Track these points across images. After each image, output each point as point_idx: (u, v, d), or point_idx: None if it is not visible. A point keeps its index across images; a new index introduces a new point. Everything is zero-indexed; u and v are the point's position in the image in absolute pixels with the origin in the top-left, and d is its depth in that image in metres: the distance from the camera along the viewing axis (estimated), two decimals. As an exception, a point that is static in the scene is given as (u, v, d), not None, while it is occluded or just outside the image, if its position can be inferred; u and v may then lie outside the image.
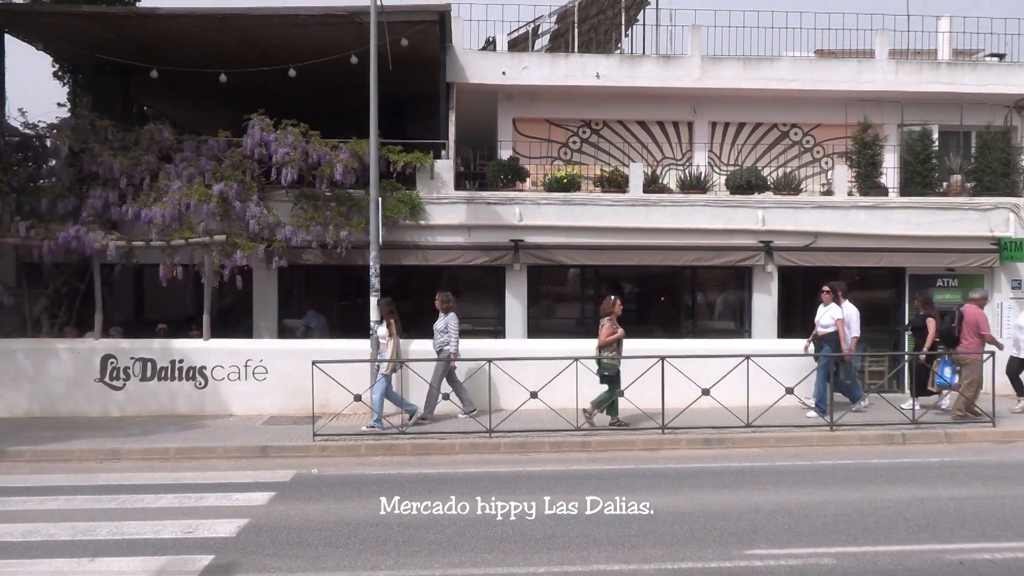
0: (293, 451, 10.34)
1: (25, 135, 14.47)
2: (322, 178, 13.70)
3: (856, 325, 12.72)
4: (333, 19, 14.51)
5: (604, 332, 11.41)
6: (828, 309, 12.53)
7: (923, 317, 12.68)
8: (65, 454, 10.20)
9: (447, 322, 11.96)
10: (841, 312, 12.44)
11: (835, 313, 12.42)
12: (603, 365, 11.42)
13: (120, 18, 14.95)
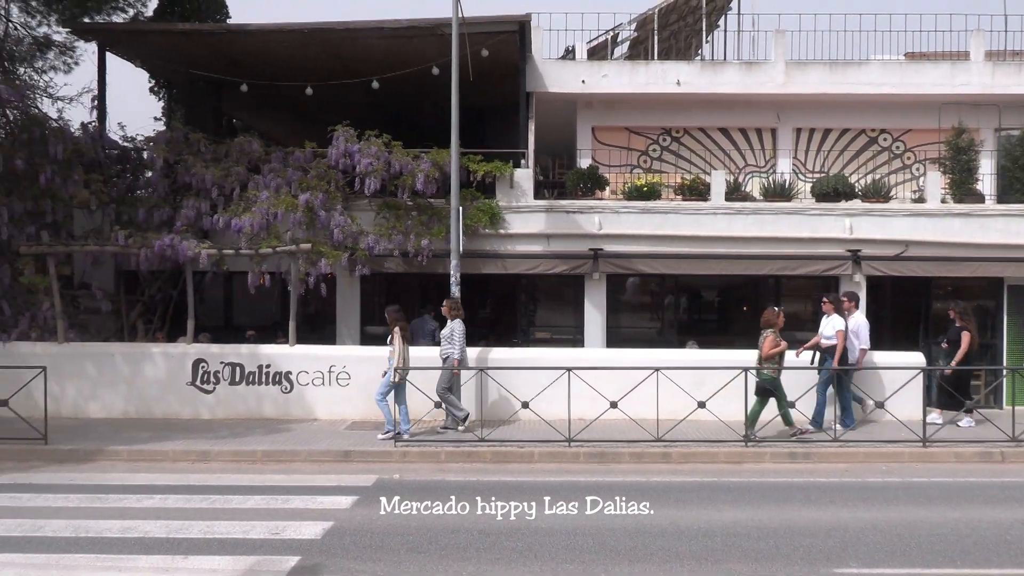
0: (375, 456, 10.51)
1: (124, 148, 15.14)
2: (404, 188, 13.92)
3: (866, 336, 12.15)
4: (415, 31, 14.76)
5: (767, 344, 11.14)
6: (830, 320, 11.95)
7: (959, 330, 12.08)
8: (159, 454, 10.59)
9: (452, 328, 11.76)
10: (843, 324, 11.84)
11: (837, 324, 11.83)
12: (763, 378, 11.13)
13: (213, 35, 15.52)
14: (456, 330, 11.69)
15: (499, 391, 11.77)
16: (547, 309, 15.77)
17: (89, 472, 9.83)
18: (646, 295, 15.92)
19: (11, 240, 12.95)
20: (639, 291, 15.93)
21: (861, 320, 12.30)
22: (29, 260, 13.08)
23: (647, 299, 16.03)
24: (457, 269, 12.34)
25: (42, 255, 13.12)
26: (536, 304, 15.82)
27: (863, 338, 12.12)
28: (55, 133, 13.60)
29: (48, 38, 16.12)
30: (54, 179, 13.24)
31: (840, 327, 11.78)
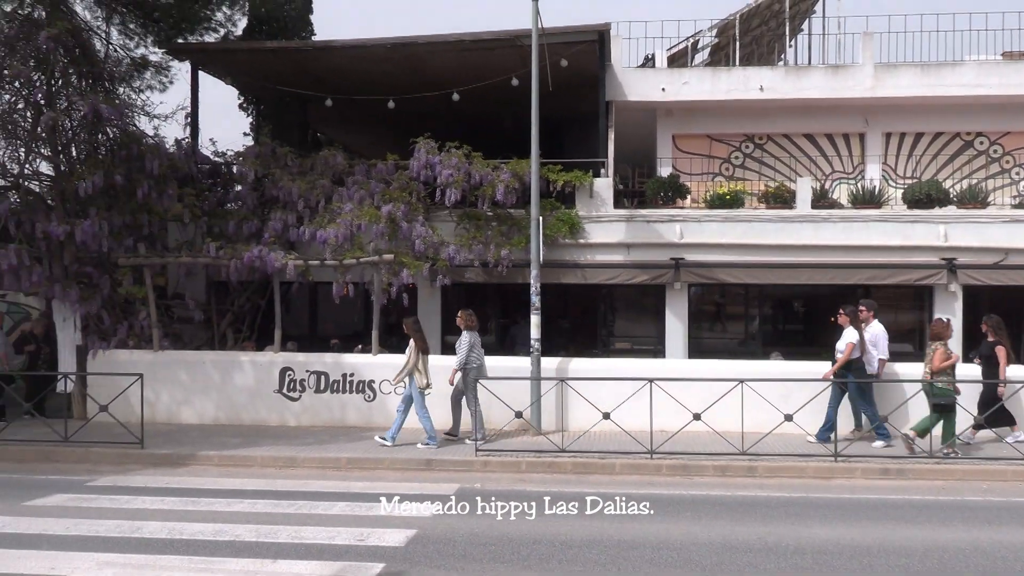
0: (456, 465, 10.57)
1: (215, 163, 15.69)
2: (484, 198, 14.02)
3: (884, 347, 11.60)
4: (495, 43, 14.90)
5: (938, 357, 10.83)
6: (845, 333, 11.50)
7: (992, 344, 11.38)
8: (248, 460, 10.88)
9: (460, 340, 11.72)
10: (855, 336, 11.34)
11: (848, 337, 11.36)
12: (937, 392, 10.79)
13: (300, 52, 15.98)
14: (463, 341, 11.63)
15: (579, 401, 11.70)
16: (627, 319, 15.65)
17: (183, 476, 10.17)
18: (729, 305, 15.63)
19: (110, 252, 13.52)
20: (729, 301, 15.66)
21: (879, 330, 11.73)
22: (127, 271, 13.64)
23: (730, 309, 15.74)
24: (537, 279, 12.35)
25: (139, 266, 13.67)
26: (616, 314, 15.71)
27: (881, 348, 11.60)
28: (151, 149, 14.17)
29: (145, 59, 16.80)
30: (150, 193, 13.79)
31: (851, 339, 11.30)
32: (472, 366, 11.61)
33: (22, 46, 13.30)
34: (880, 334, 11.67)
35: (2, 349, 13.29)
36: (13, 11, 14.01)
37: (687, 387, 11.22)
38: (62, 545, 7.18)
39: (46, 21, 13.36)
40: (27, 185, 13.76)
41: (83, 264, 13.48)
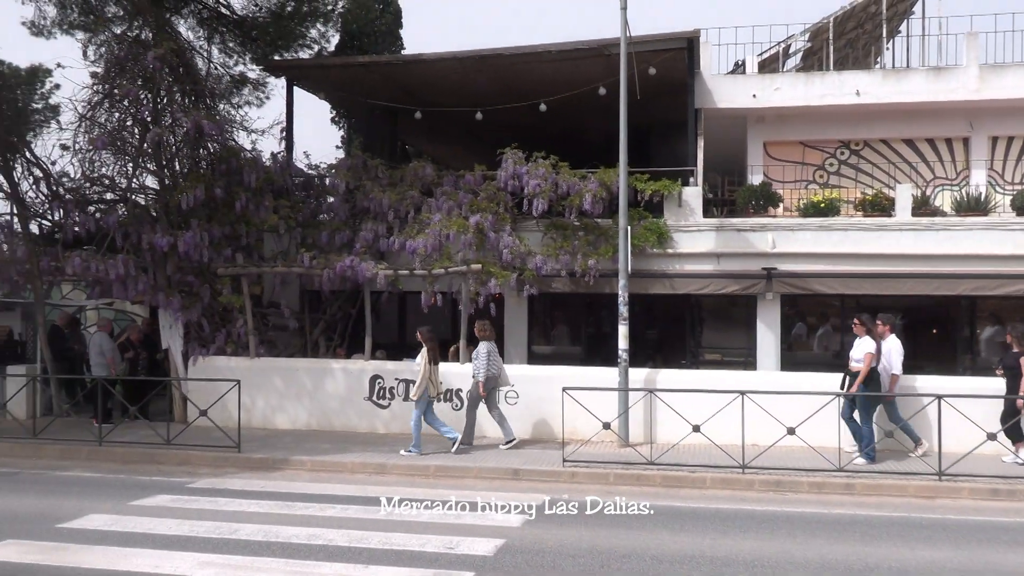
0: (544, 475, 10.53)
1: (308, 175, 16.13)
2: (571, 208, 13.99)
3: (897, 362, 11.19)
4: (582, 53, 14.89)
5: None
6: (861, 342, 11.05)
7: (1017, 355, 10.62)
8: (339, 465, 11.10)
9: (478, 351, 11.86)
10: (872, 346, 10.89)
11: (866, 347, 10.92)
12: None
13: (390, 65, 16.30)
14: (480, 352, 11.82)
15: (668, 413, 11.52)
16: (716, 330, 15.34)
17: (277, 480, 10.44)
18: (824, 316, 15.15)
19: (210, 262, 14.03)
20: (822, 312, 15.18)
21: (894, 344, 11.30)
22: (226, 280, 14.13)
23: (824, 320, 15.26)
24: (625, 289, 12.24)
25: (237, 276, 14.13)
26: (704, 325, 15.42)
27: (894, 363, 11.19)
28: (249, 163, 14.66)
29: (244, 76, 17.45)
30: (248, 206, 14.26)
31: (869, 349, 10.90)
32: (490, 375, 11.83)
33: (131, 66, 13.98)
34: (895, 349, 11.28)
35: (110, 355, 13.93)
36: (123, 33, 14.75)
37: (780, 401, 10.92)
38: (165, 544, 7.46)
39: (153, 42, 14.00)
40: (134, 198, 14.43)
41: (185, 274, 14.04)
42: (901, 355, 11.33)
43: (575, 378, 11.96)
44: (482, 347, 11.91)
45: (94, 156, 14.14)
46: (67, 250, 13.82)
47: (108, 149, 14.05)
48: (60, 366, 14.44)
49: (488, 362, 11.82)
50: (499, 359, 12.15)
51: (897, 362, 11.25)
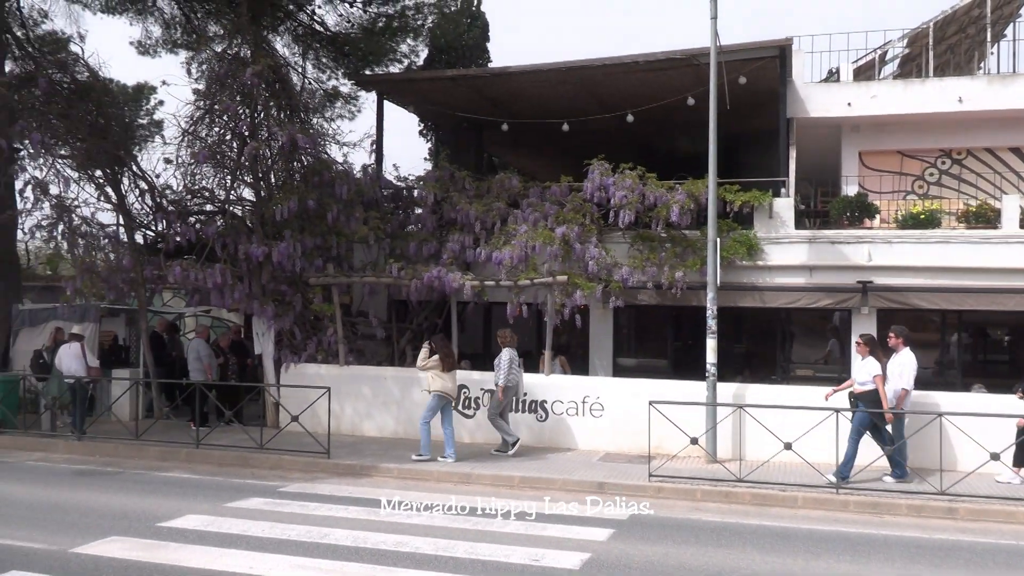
0: (629, 489, 10.41)
1: (397, 187, 16.43)
2: (658, 219, 13.87)
3: (910, 377, 10.59)
4: (670, 64, 14.78)
5: None
6: (865, 363, 10.61)
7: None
8: (426, 474, 11.21)
9: (500, 358, 12.02)
10: (879, 367, 10.43)
11: (872, 368, 10.46)
12: None
13: (478, 78, 16.50)
14: (503, 359, 12.00)
15: (758, 430, 11.24)
16: (808, 345, 14.92)
17: (365, 487, 10.61)
18: (923, 332, 14.57)
19: (302, 272, 14.42)
20: (923, 327, 14.61)
21: (908, 359, 10.75)
22: (317, 289, 14.49)
23: (924, 336, 14.67)
24: (714, 302, 12.03)
25: (328, 285, 14.48)
26: (795, 339, 15.03)
27: (907, 378, 10.62)
28: (340, 176, 15.03)
29: (336, 90, 17.97)
30: (339, 217, 14.61)
31: (877, 371, 10.45)
32: (510, 384, 12.03)
33: (230, 83, 14.51)
34: (908, 363, 10.74)
35: (207, 360, 14.44)
36: (223, 50, 15.34)
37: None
38: (259, 546, 7.66)
39: (251, 59, 14.51)
40: (231, 210, 14.96)
41: (278, 283, 14.45)
42: (915, 370, 10.83)
43: (662, 392, 11.79)
44: (504, 354, 12.10)
45: (195, 169, 14.73)
46: (169, 259, 14.41)
47: (208, 163, 14.62)
48: (159, 371, 15.05)
49: (509, 370, 12.01)
50: (520, 368, 12.38)
51: (910, 376, 10.73)
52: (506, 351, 12.16)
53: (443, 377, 11.83)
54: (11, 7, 17.10)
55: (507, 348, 12.20)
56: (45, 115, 14.38)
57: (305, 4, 18.16)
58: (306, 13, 18.37)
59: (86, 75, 15.26)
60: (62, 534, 7.93)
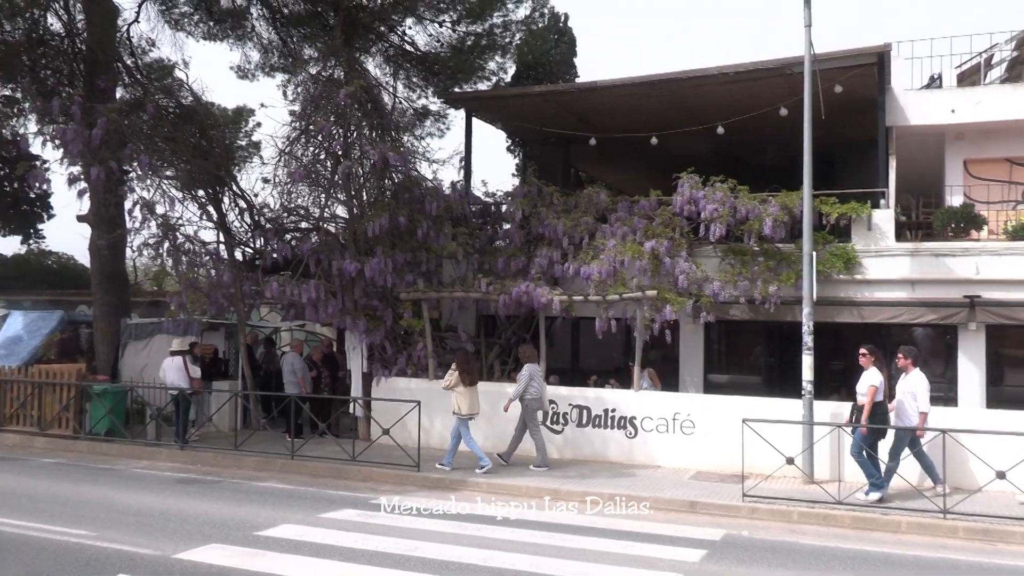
0: (722, 509, 10.16)
1: (485, 203, 16.56)
2: (750, 233, 13.57)
3: (924, 398, 10.41)
4: (762, 74, 14.48)
5: None
6: (867, 375, 10.47)
7: None
8: (514, 489, 11.19)
9: (521, 372, 12.42)
10: (878, 378, 10.30)
11: (870, 379, 10.36)
12: None
13: (566, 94, 16.52)
14: (523, 374, 12.40)
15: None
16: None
17: (454, 501, 10.65)
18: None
19: (393, 287, 14.66)
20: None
21: (918, 380, 10.54)
22: (407, 304, 14.70)
23: None
24: (809, 317, 11.66)
25: (418, 300, 14.68)
26: (890, 355, 14.41)
27: (921, 400, 10.42)
28: (430, 192, 15.26)
29: (426, 108, 18.30)
30: (428, 233, 14.82)
31: (874, 382, 10.33)
32: (530, 397, 12.31)
33: (324, 103, 14.93)
34: (920, 384, 10.54)
35: (301, 373, 14.81)
36: (318, 73, 15.81)
37: (987, 441, 10.00)
38: (351, 557, 7.77)
39: (344, 80, 14.90)
40: (325, 227, 15.35)
41: (370, 298, 14.74)
42: (927, 390, 10.57)
43: (755, 409, 11.49)
44: (525, 369, 12.45)
45: (291, 188, 15.18)
46: (266, 275, 14.87)
47: (304, 181, 15.05)
48: (255, 382, 15.52)
49: (528, 384, 12.32)
50: (542, 382, 12.61)
51: (924, 398, 10.48)
52: (527, 367, 12.47)
53: (466, 394, 12.23)
54: (122, 38, 18.05)
55: (528, 364, 12.50)
56: (152, 138, 15.09)
57: (396, 25, 18.58)
58: (397, 34, 18.80)
59: (190, 99, 15.97)
60: (166, 540, 8.23)
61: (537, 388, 12.42)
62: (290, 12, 18.74)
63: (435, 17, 18.09)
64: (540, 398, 12.48)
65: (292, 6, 18.68)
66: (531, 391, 12.36)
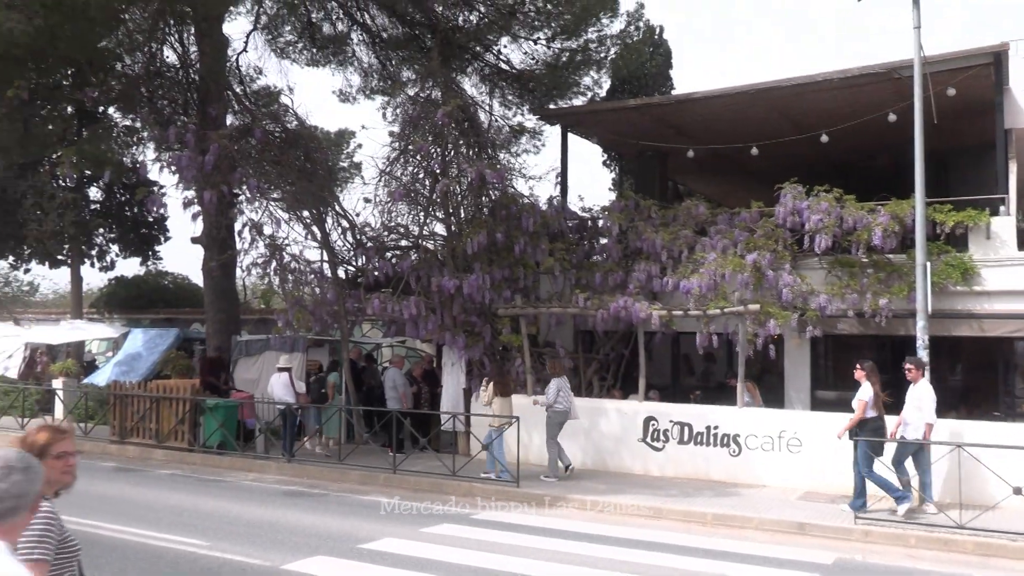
0: (833, 532, 9.76)
1: (582, 218, 16.52)
2: (858, 243, 13.06)
3: (930, 409, 10.32)
4: (868, 79, 14.00)
5: None
6: (860, 389, 10.53)
7: None
8: (614, 507, 11.05)
9: (549, 385, 12.79)
10: (868, 393, 10.43)
11: (861, 394, 10.50)
12: None
13: (662, 106, 16.36)
14: (551, 388, 12.73)
15: (980, 471, 10.22)
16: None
17: (553, 517, 10.61)
18: None
19: (491, 303, 14.77)
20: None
21: (924, 390, 10.45)
22: (505, 320, 14.77)
23: None
24: (924, 331, 11.14)
25: (515, 316, 14.73)
26: (1016, 370, 13.60)
27: (927, 410, 10.33)
28: (527, 208, 15.32)
29: (522, 125, 18.43)
30: (525, 249, 14.87)
31: (864, 397, 10.46)
32: (558, 408, 12.54)
33: (423, 124, 15.23)
34: (926, 395, 10.43)
35: (402, 389, 15.05)
36: (416, 94, 16.16)
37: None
38: (454, 572, 7.82)
39: (441, 100, 15.16)
40: (424, 245, 15.62)
41: (468, 314, 14.88)
42: (933, 401, 10.46)
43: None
44: (553, 383, 12.75)
45: (391, 207, 15.52)
46: (368, 293, 15.21)
47: (403, 200, 15.36)
48: (357, 397, 15.86)
49: (556, 396, 12.59)
50: (570, 394, 12.86)
51: (929, 409, 10.39)
52: (555, 380, 12.77)
53: (499, 403, 12.77)
54: (232, 67, 18.88)
55: (556, 378, 12.79)
56: (260, 162, 15.68)
57: (492, 45, 18.81)
58: (492, 53, 19.03)
59: (295, 124, 16.54)
60: (274, 551, 8.47)
61: (564, 401, 12.68)
62: (389, 36, 19.23)
63: (530, 35, 18.24)
64: (567, 410, 12.73)
65: (391, 30, 19.16)
66: (559, 404, 12.64)
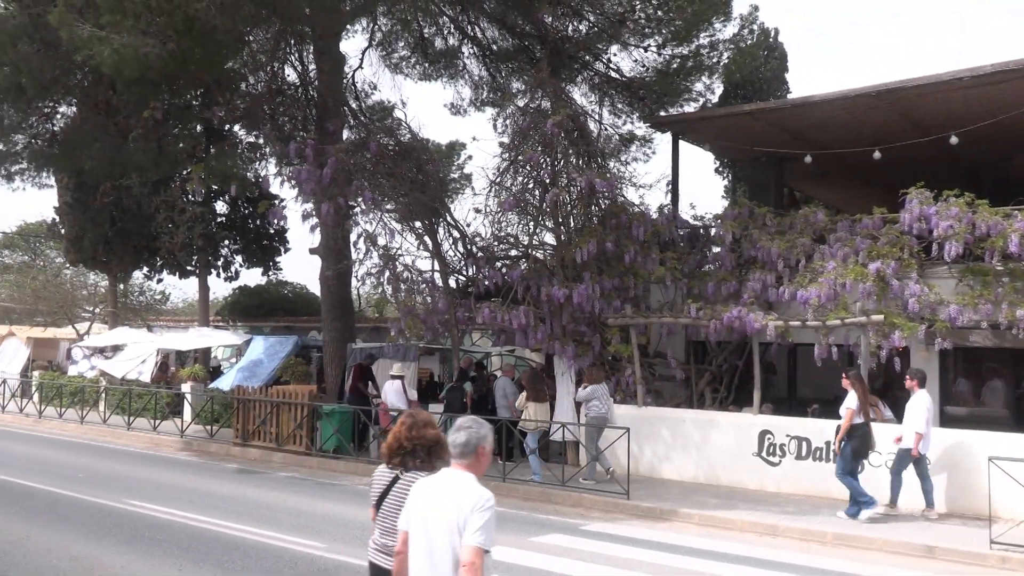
0: (965, 557, 9.20)
1: (693, 227, 16.22)
2: (992, 251, 12.31)
3: (921, 420, 10.57)
4: (1003, 76, 13.24)
5: None
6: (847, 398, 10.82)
7: None
8: (727, 522, 10.76)
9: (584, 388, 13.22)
10: (854, 402, 10.70)
11: (848, 402, 10.76)
12: None
13: (777, 111, 15.93)
14: (583, 390, 13.21)
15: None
16: None
17: (665, 531, 10.41)
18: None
19: (601, 313, 14.66)
20: None
21: (920, 401, 10.75)
22: (615, 330, 14.62)
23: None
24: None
25: (625, 326, 14.57)
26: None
27: (917, 420, 10.61)
28: (637, 217, 15.17)
29: (632, 133, 18.28)
30: (636, 258, 14.71)
31: (850, 405, 10.74)
32: (593, 414, 12.91)
33: (532, 134, 15.31)
34: (918, 406, 10.72)
35: (512, 397, 15.10)
36: (526, 105, 16.27)
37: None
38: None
39: (551, 110, 15.20)
40: (534, 254, 15.67)
41: (578, 323, 14.82)
42: (928, 412, 10.75)
43: (1003, 446, 10.35)
44: (588, 387, 13.13)
45: (501, 217, 15.66)
46: (478, 302, 15.37)
47: (513, 210, 15.47)
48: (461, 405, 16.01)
49: (589, 398, 13.04)
50: (609, 401, 13.22)
51: (920, 419, 10.63)
52: (591, 386, 13.13)
53: (533, 408, 13.31)
54: (348, 83, 19.51)
55: (592, 384, 13.15)
56: (375, 175, 16.11)
57: (601, 53, 18.75)
58: (602, 62, 18.96)
59: (408, 137, 16.92)
60: (388, 555, 8.62)
61: (599, 407, 12.98)
62: (499, 48, 19.45)
63: (640, 42, 18.08)
64: (604, 416, 13.00)
65: (500, 42, 19.38)
66: (593, 409, 12.98)
